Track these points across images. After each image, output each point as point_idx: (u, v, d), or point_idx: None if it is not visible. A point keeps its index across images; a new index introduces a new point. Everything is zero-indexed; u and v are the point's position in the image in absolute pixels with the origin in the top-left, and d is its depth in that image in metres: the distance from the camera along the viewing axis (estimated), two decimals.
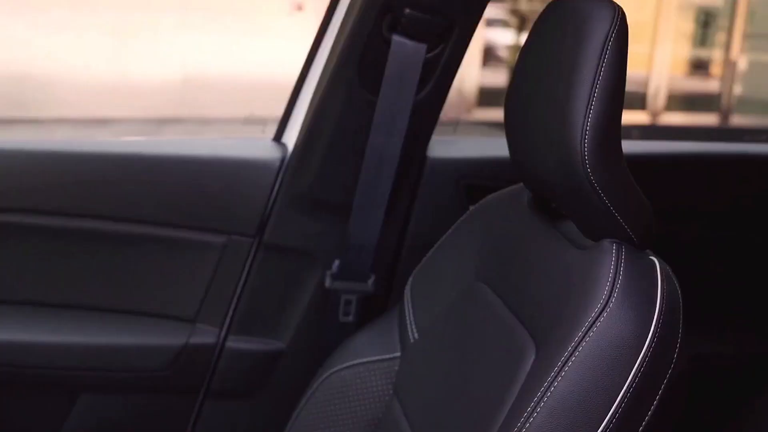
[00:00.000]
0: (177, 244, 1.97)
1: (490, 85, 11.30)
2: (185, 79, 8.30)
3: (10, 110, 7.12)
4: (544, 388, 1.15)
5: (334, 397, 1.71)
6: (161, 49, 8.62)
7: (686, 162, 2.32)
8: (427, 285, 1.70)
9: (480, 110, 10.80)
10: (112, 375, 1.98)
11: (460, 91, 10.47)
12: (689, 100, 13.77)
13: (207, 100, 7.79)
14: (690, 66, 14.60)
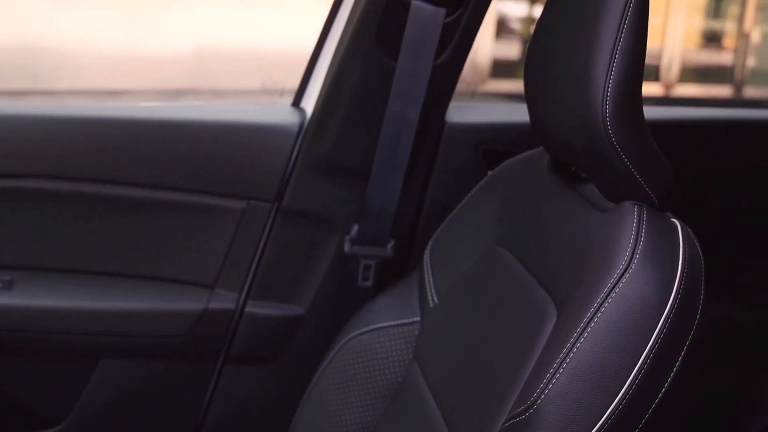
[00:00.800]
0: (196, 209, 1.97)
1: (504, 57, 11.28)
2: (198, 51, 8.29)
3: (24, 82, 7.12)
4: (566, 349, 1.14)
5: (353, 362, 1.72)
6: (174, 21, 8.61)
7: (705, 128, 2.32)
8: (447, 250, 1.70)
9: (493, 82, 10.78)
10: (131, 340, 1.98)
11: (474, 62, 10.44)
12: (702, 72, 13.72)
13: (220, 72, 7.79)
14: (703, 38, 14.53)
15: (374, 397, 1.70)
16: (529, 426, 1.14)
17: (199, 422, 2.09)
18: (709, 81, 13.62)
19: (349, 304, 1.95)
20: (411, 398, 1.60)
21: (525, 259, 1.43)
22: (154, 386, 2.05)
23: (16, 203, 1.92)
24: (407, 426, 1.57)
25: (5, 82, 6.82)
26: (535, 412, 1.14)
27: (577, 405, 1.12)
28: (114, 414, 2.05)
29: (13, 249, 1.96)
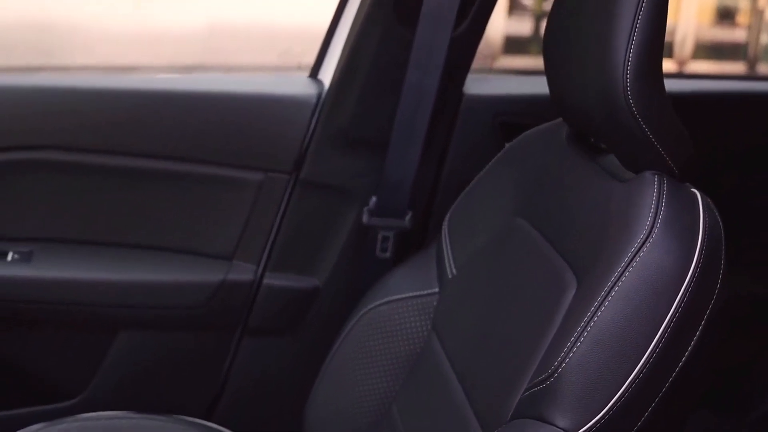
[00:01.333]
0: (214, 181, 1.97)
1: (516, 34, 11.22)
2: (210, 27, 8.26)
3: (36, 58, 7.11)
4: (587, 318, 1.14)
5: (371, 333, 1.72)
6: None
7: (720, 101, 2.31)
8: (465, 221, 1.70)
9: (506, 58, 10.73)
10: (150, 312, 1.99)
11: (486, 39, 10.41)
12: (716, 49, 13.65)
13: (232, 48, 7.77)
14: (717, 15, 14.47)
15: (393, 368, 1.70)
16: (550, 394, 1.15)
17: (217, 394, 2.10)
18: (722, 58, 13.56)
19: (367, 275, 1.95)
20: (430, 369, 1.60)
21: (544, 229, 1.43)
22: (172, 358, 2.06)
23: (34, 175, 1.92)
24: (426, 396, 1.58)
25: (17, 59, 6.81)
26: (556, 380, 1.14)
27: (598, 373, 1.12)
28: (132, 386, 2.06)
29: (31, 221, 1.96)
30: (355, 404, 1.74)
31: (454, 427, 1.43)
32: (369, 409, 1.73)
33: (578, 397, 1.13)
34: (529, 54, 9.79)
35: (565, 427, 1.12)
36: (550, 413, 1.14)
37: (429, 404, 1.56)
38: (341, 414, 1.76)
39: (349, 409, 1.75)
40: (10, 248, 1.95)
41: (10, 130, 1.89)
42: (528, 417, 1.18)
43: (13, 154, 1.89)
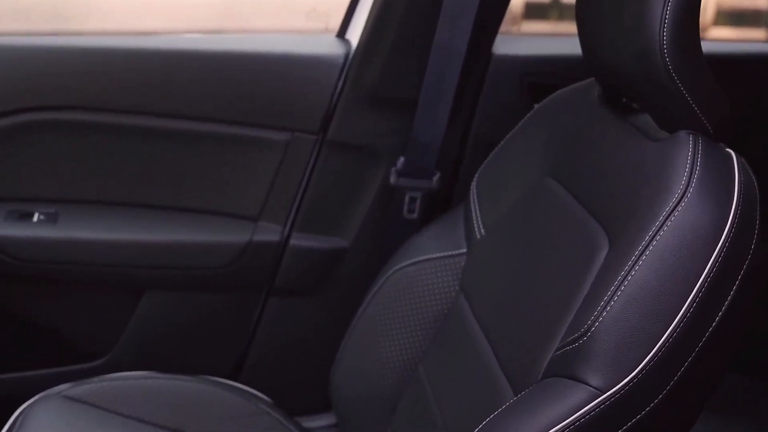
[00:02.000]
0: (240, 141, 1.96)
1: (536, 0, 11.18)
2: None
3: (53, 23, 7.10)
4: (621, 277, 1.14)
5: (399, 294, 1.72)
6: None
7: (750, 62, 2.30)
8: (494, 181, 1.69)
9: (527, 23, 10.69)
10: (175, 273, 1.99)
11: None
12: (737, 16, 13.58)
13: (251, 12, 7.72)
14: None
15: (420, 328, 1.70)
16: (583, 353, 1.14)
17: (243, 355, 2.11)
18: (743, 24, 13.49)
19: (393, 236, 1.95)
20: (457, 330, 1.60)
21: (575, 189, 1.42)
22: (198, 319, 2.06)
23: (60, 136, 1.92)
24: (454, 356, 1.58)
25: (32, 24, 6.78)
26: (588, 339, 1.14)
27: (632, 332, 1.12)
28: (158, 347, 2.06)
29: (57, 182, 1.96)
30: (381, 365, 1.74)
31: (482, 386, 1.43)
32: (395, 370, 1.73)
33: (611, 356, 1.12)
34: (550, 20, 9.74)
35: (597, 386, 1.11)
36: (582, 372, 1.13)
37: (456, 364, 1.55)
38: (367, 374, 1.76)
39: (375, 369, 1.75)
40: (36, 209, 1.95)
41: (35, 91, 1.89)
42: (559, 376, 1.17)
43: (39, 115, 1.89)
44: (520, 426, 1.14)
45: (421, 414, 1.61)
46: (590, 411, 1.11)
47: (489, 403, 1.34)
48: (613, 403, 1.11)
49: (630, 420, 1.12)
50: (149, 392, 1.77)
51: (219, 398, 1.80)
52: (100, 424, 1.68)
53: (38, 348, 2.04)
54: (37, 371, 2.05)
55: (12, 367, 2.04)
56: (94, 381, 1.77)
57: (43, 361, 2.05)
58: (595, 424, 1.11)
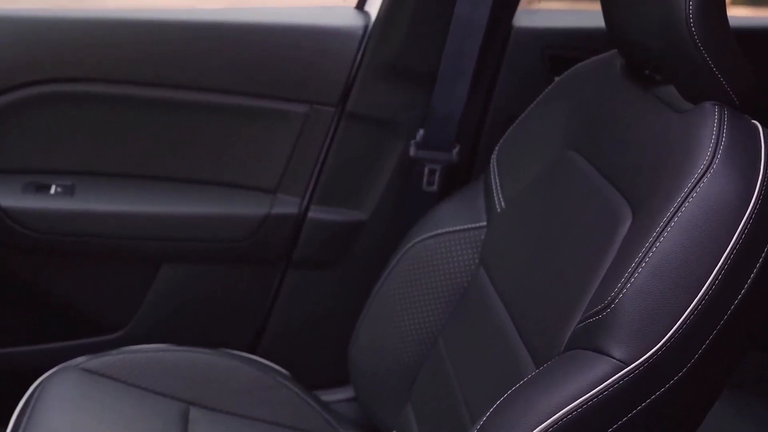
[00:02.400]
0: (258, 114, 1.95)
1: None
2: None
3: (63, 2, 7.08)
4: (645, 249, 1.13)
5: (418, 267, 1.71)
6: None
7: None
8: (514, 154, 1.68)
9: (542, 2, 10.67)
10: (193, 245, 1.99)
11: None
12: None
13: None
14: None
15: (439, 301, 1.69)
16: (607, 325, 1.13)
17: (260, 328, 2.11)
18: (761, 4, 13.44)
19: (412, 209, 1.94)
20: (478, 303, 1.59)
21: (598, 162, 1.41)
22: (215, 292, 2.06)
23: (77, 108, 1.91)
24: (474, 329, 1.57)
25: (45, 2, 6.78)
26: (613, 310, 1.13)
27: (657, 304, 1.11)
28: (175, 319, 2.06)
29: (74, 154, 1.95)
30: (400, 338, 1.74)
31: (503, 359, 1.42)
32: (414, 343, 1.72)
33: (635, 327, 1.11)
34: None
35: (621, 358, 1.11)
36: (606, 344, 1.12)
37: (477, 337, 1.55)
38: (386, 348, 1.76)
39: (393, 342, 1.75)
40: (53, 181, 1.95)
41: (53, 63, 1.88)
42: (582, 348, 1.16)
43: (56, 87, 1.88)
44: (542, 398, 1.13)
45: (440, 387, 1.60)
46: (613, 384, 1.10)
47: (510, 376, 1.34)
48: (637, 375, 1.10)
49: (653, 393, 1.11)
50: (167, 365, 1.77)
51: (237, 371, 1.80)
52: (117, 397, 1.68)
53: (56, 321, 2.04)
54: (54, 344, 2.05)
55: (29, 340, 2.04)
56: (112, 354, 1.77)
57: (61, 333, 2.05)
58: (619, 397, 1.11)
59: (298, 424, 1.77)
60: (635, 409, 1.11)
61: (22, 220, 1.89)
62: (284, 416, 1.77)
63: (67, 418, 1.59)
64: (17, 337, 2.03)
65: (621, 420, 1.11)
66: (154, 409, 1.68)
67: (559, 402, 1.11)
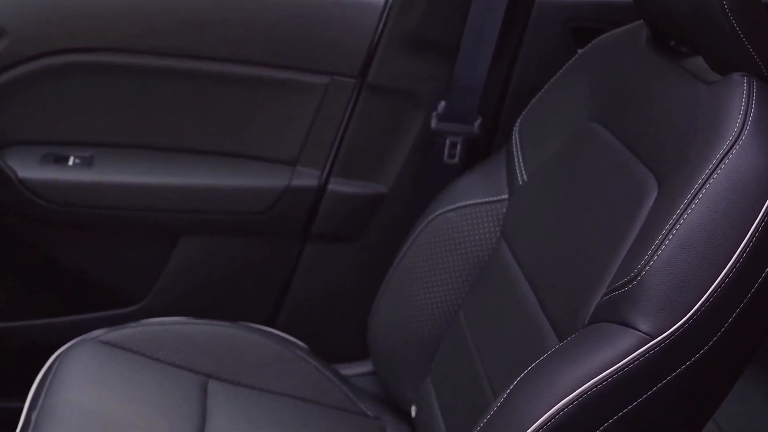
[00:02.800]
0: (278, 85, 1.94)
1: None
2: None
3: None
4: (672, 221, 1.11)
5: (439, 239, 1.70)
6: None
7: None
8: (537, 127, 1.67)
9: None
10: (212, 218, 1.98)
11: None
12: None
13: None
14: None
15: (459, 275, 1.68)
16: (632, 297, 1.12)
17: (279, 301, 2.10)
18: None
19: (433, 181, 1.92)
20: (499, 276, 1.58)
21: (623, 134, 1.39)
22: (234, 264, 2.05)
23: (96, 78, 1.90)
24: (495, 302, 1.56)
25: None
26: (639, 283, 1.12)
27: (683, 276, 1.10)
28: (194, 292, 2.06)
29: (93, 125, 1.94)
30: (420, 311, 1.73)
31: (525, 333, 1.41)
32: (434, 317, 1.72)
33: (662, 300, 1.10)
34: None
35: (647, 332, 1.10)
36: (632, 317, 1.11)
37: (498, 310, 1.54)
38: (405, 322, 1.75)
39: (413, 316, 1.74)
40: (71, 153, 1.93)
41: (71, 33, 1.86)
42: (607, 321, 1.16)
43: (75, 57, 1.87)
44: (566, 371, 1.12)
45: (460, 361, 1.60)
46: (639, 357, 1.09)
47: (532, 350, 1.33)
48: (663, 349, 1.09)
49: (679, 367, 1.10)
50: (185, 337, 1.77)
51: (255, 344, 1.80)
52: (136, 369, 1.68)
53: (73, 294, 2.04)
54: (72, 317, 2.04)
55: (47, 313, 2.04)
56: (131, 326, 1.77)
57: (79, 306, 2.04)
58: (644, 370, 1.10)
59: (316, 397, 1.77)
60: (660, 383, 1.10)
61: (40, 192, 1.88)
62: (303, 390, 1.77)
63: (86, 391, 1.59)
64: (35, 310, 2.03)
65: (646, 394, 1.11)
66: (173, 382, 1.68)
67: (583, 375, 1.10)
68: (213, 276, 2.05)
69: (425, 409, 1.69)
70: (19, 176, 1.86)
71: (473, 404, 1.49)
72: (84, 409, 1.55)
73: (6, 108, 1.88)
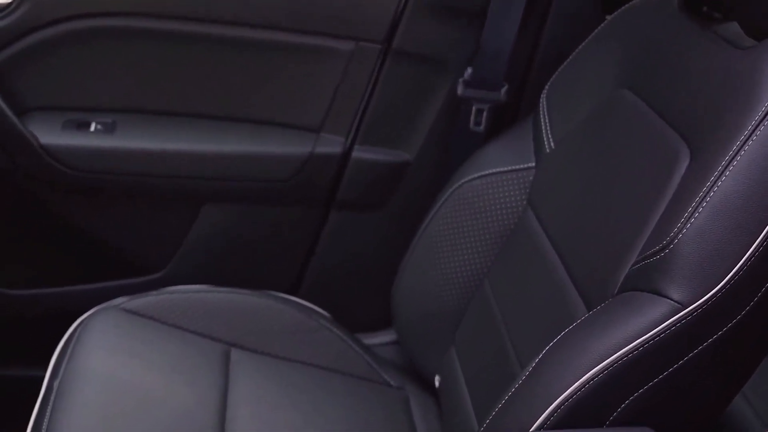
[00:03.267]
0: (303, 50, 1.91)
1: None
2: None
3: None
4: (706, 189, 1.10)
5: (464, 208, 1.68)
6: None
7: None
8: (565, 94, 1.65)
9: None
10: (235, 185, 1.96)
11: None
12: None
13: None
14: None
15: (485, 243, 1.67)
16: (664, 266, 1.11)
17: (302, 270, 2.09)
18: None
19: (459, 149, 1.90)
20: (525, 244, 1.57)
21: (653, 100, 1.37)
22: (257, 233, 2.04)
23: (118, 43, 1.88)
24: (522, 271, 1.55)
25: None
26: (671, 251, 1.11)
27: (716, 245, 1.08)
28: (216, 260, 2.05)
29: (115, 91, 1.93)
30: (444, 281, 1.72)
31: (552, 302, 1.40)
32: (459, 286, 1.71)
33: (695, 269, 1.09)
34: None
35: (679, 300, 1.09)
36: (663, 286, 1.10)
37: (525, 279, 1.52)
38: (430, 291, 1.74)
39: (438, 285, 1.73)
40: (93, 119, 1.92)
41: None
42: (638, 290, 1.14)
43: (96, 22, 1.85)
44: (596, 340, 1.11)
45: (486, 330, 1.58)
46: (671, 326, 1.08)
47: (560, 319, 1.32)
48: (695, 318, 1.08)
49: (711, 336, 1.10)
50: (208, 306, 1.77)
51: (278, 313, 1.80)
52: (158, 337, 1.68)
53: (95, 261, 2.03)
54: (94, 284, 2.04)
55: (69, 281, 2.03)
56: (152, 294, 1.77)
57: (100, 274, 2.04)
58: (675, 340, 1.09)
59: (339, 366, 1.77)
60: (692, 352, 1.10)
61: (61, 158, 1.87)
62: (325, 359, 1.77)
63: (107, 358, 1.59)
64: (56, 277, 2.03)
65: (678, 363, 1.10)
66: (195, 350, 1.67)
67: (615, 344, 1.09)
68: (235, 244, 2.03)
69: (449, 379, 1.67)
70: (40, 142, 1.85)
71: (499, 374, 1.48)
72: (106, 377, 1.55)
73: (28, 73, 1.86)
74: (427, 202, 1.78)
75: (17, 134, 1.83)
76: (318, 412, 1.63)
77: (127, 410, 1.50)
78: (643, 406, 1.12)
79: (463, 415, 1.56)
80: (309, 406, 1.64)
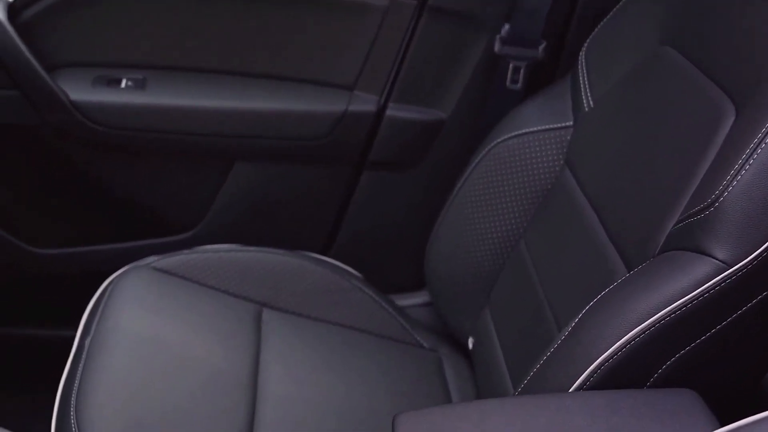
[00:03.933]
0: (336, 6, 1.88)
1: None
2: None
3: None
4: (753, 146, 1.08)
5: (500, 167, 1.66)
6: None
7: None
8: (604, 51, 1.62)
9: None
10: (267, 143, 1.94)
11: None
12: None
13: None
14: None
15: (521, 204, 1.64)
16: (709, 225, 1.08)
17: (334, 230, 2.07)
18: None
19: (495, 107, 1.87)
20: (563, 205, 1.54)
21: (696, 57, 1.34)
22: (289, 191, 2.01)
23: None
24: (559, 232, 1.52)
25: None
26: (716, 210, 1.08)
27: (763, 203, 1.06)
28: (247, 219, 2.03)
29: (146, 47, 1.90)
30: (479, 241, 1.69)
31: (591, 262, 1.38)
32: (494, 246, 1.68)
33: (740, 228, 1.06)
34: None
35: (724, 259, 1.06)
36: (708, 244, 1.08)
37: (562, 240, 1.50)
38: (464, 251, 1.72)
39: (473, 246, 1.70)
40: (124, 75, 1.90)
41: None
42: (681, 249, 1.12)
43: None
44: (639, 299, 1.09)
45: (522, 291, 1.56)
46: (715, 285, 1.06)
47: (599, 280, 1.30)
48: (740, 277, 1.06)
49: (755, 297, 1.08)
50: (239, 265, 1.75)
51: (310, 273, 1.78)
52: (188, 296, 1.67)
53: (126, 219, 2.02)
54: (125, 243, 2.03)
55: (100, 239, 2.02)
56: (184, 253, 1.76)
57: (131, 233, 2.03)
58: (720, 299, 1.07)
59: (371, 327, 1.76)
60: (736, 313, 1.08)
61: (92, 115, 1.85)
62: (358, 319, 1.76)
63: (139, 316, 1.59)
64: (87, 236, 2.02)
65: (721, 324, 1.08)
66: (227, 309, 1.67)
67: (657, 303, 1.07)
68: (267, 203, 2.01)
69: (483, 341, 1.66)
70: (71, 98, 1.83)
71: (535, 336, 1.45)
72: (137, 335, 1.54)
73: (58, 29, 1.84)
74: (463, 161, 1.76)
75: (47, 90, 1.81)
76: (350, 373, 1.62)
77: (158, 369, 1.49)
78: (684, 368, 1.10)
79: (497, 377, 1.54)
80: (341, 366, 1.63)
